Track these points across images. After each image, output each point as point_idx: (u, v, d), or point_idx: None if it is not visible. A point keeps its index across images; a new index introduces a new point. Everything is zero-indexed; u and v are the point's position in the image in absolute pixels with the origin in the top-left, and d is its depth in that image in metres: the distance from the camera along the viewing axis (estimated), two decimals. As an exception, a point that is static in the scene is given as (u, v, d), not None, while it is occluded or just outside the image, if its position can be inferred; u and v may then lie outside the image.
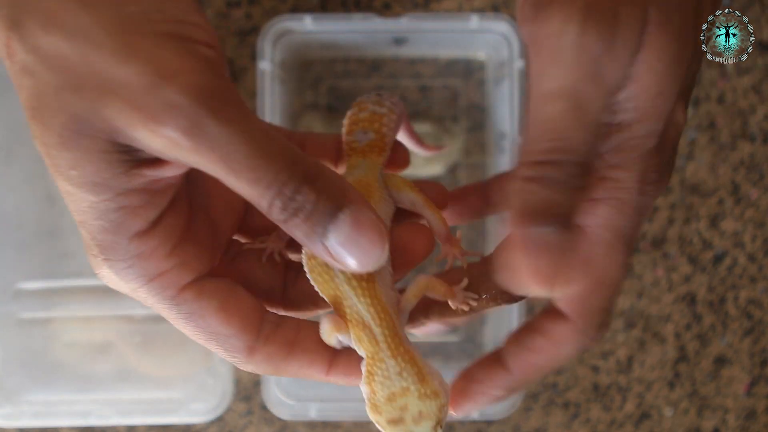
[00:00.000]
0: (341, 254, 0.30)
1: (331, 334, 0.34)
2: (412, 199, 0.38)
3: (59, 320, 0.71)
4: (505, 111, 0.66)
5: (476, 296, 0.35)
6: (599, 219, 0.32)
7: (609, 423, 0.73)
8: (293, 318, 0.36)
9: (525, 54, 0.66)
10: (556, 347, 0.33)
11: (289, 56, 0.70)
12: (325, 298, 0.34)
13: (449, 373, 0.70)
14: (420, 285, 0.35)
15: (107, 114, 0.28)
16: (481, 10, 0.71)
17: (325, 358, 0.34)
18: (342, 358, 0.34)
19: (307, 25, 0.66)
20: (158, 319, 0.70)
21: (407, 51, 0.72)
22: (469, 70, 0.73)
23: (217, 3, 0.71)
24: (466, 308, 0.35)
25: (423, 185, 0.39)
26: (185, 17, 0.29)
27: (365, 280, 0.33)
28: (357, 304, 0.33)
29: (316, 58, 0.72)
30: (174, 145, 0.28)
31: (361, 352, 0.34)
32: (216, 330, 0.33)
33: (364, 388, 0.33)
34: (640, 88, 0.30)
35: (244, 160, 0.28)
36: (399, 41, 0.70)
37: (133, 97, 0.27)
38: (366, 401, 0.33)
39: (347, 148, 0.40)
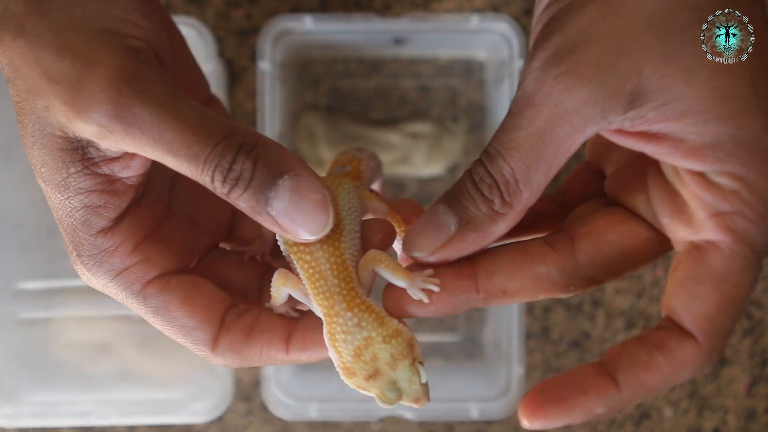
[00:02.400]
0: (287, 222, 0.31)
1: (279, 288, 0.34)
2: (376, 207, 0.37)
3: (59, 320, 0.72)
4: (504, 111, 0.63)
5: (438, 281, 0.33)
6: (734, 233, 0.30)
7: (609, 423, 0.73)
8: (256, 308, 0.36)
9: (525, 54, 0.66)
10: (676, 369, 0.31)
11: (289, 56, 0.70)
12: (292, 259, 0.34)
13: (449, 374, 0.73)
14: (368, 257, 0.34)
15: (52, 110, 0.30)
16: (481, 11, 0.71)
17: (281, 336, 0.34)
18: (298, 330, 0.34)
19: (307, 26, 0.66)
20: None
21: (407, 51, 0.72)
22: (469, 71, 0.73)
23: (217, 3, 0.72)
24: (426, 299, 0.33)
25: (399, 202, 0.40)
26: (124, 16, 0.31)
27: (331, 237, 0.33)
28: (318, 251, 0.33)
29: (316, 58, 0.72)
30: (107, 132, 0.30)
31: (317, 310, 0.33)
32: (181, 322, 0.34)
33: (331, 355, 0.33)
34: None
35: (177, 138, 0.30)
36: (399, 41, 0.71)
37: (65, 90, 0.29)
38: (337, 369, 0.33)
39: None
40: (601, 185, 0.37)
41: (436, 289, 0.33)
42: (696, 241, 0.31)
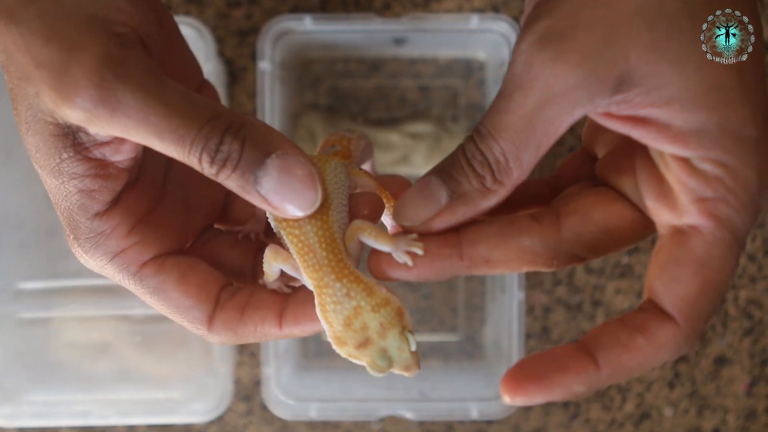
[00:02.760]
0: (277, 200, 0.32)
1: (270, 263, 0.35)
2: (365, 183, 0.38)
3: (59, 320, 0.72)
4: None
5: (422, 245, 0.33)
6: (717, 218, 0.31)
7: (609, 423, 0.73)
8: (250, 287, 0.37)
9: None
10: (655, 350, 0.31)
11: (289, 56, 0.70)
12: (282, 234, 0.35)
13: (449, 374, 0.74)
14: (353, 227, 0.35)
15: (42, 96, 0.31)
16: (481, 10, 0.71)
17: (274, 312, 0.35)
18: (290, 306, 0.35)
19: (307, 25, 0.66)
20: (158, 319, 0.71)
21: (407, 51, 0.72)
22: (469, 70, 0.73)
23: (217, 3, 0.72)
24: (410, 262, 0.33)
25: (387, 178, 0.40)
26: (111, 2, 0.31)
27: (319, 212, 0.34)
28: (307, 225, 0.34)
29: (316, 58, 0.72)
30: (93, 117, 0.30)
31: (307, 283, 0.34)
32: (177, 302, 0.35)
33: (323, 326, 0.34)
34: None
35: (162, 122, 0.30)
36: (399, 41, 0.71)
37: (52, 76, 0.30)
38: (329, 338, 0.33)
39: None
40: (592, 169, 0.38)
41: (420, 252, 0.33)
42: (679, 225, 0.32)
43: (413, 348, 0.33)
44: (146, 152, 0.35)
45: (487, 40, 0.69)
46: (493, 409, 0.66)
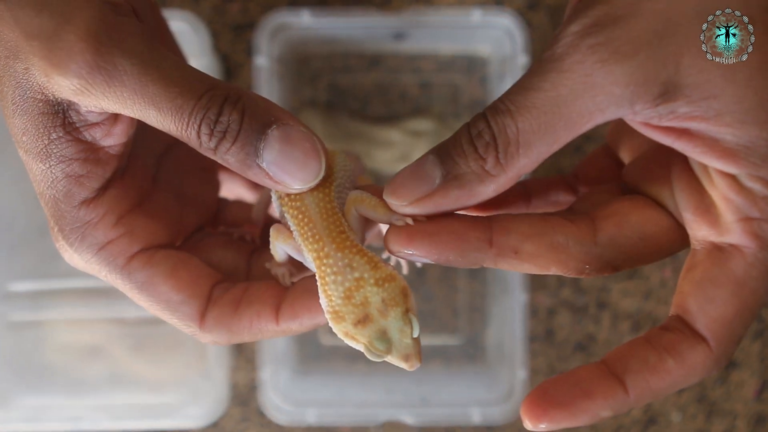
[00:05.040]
0: (279, 173, 0.31)
1: (274, 243, 0.35)
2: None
3: (50, 322, 0.71)
4: None
5: (424, 220, 0.32)
6: (761, 240, 0.30)
7: (616, 428, 0.73)
8: (245, 282, 0.36)
9: (529, 50, 0.66)
10: (685, 373, 0.30)
11: (287, 52, 0.70)
12: (284, 211, 0.34)
13: (450, 377, 0.74)
14: (349, 200, 0.34)
15: (32, 71, 0.30)
16: (483, 4, 0.71)
17: (271, 306, 0.34)
18: (288, 298, 0.34)
19: (305, 20, 0.66)
20: (152, 322, 0.71)
21: (407, 46, 0.72)
22: (471, 66, 0.73)
23: (212, -3, 0.72)
24: (410, 221, 0.32)
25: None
26: None
27: (321, 185, 0.33)
28: (308, 197, 0.33)
29: (315, 54, 0.72)
30: (88, 85, 0.30)
31: (309, 261, 0.33)
32: (166, 297, 0.34)
33: (322, 302, 0.32)
34: None
35: (160, 90, 0.30)
36: (399, 36, 0.70)
37: (43, 45, 0.30)
38: (327, 315, 0.32)
39: None
40: (617, 172, 0.37)
41: (420, 217, 0.32)
42: (718, 242, 0.31)
43: (416, 333, 0.31)
44: (137, 140, 0.35)
45: (490, 35, 0.69)
46: (495, 414, 0.66)
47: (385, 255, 0.46)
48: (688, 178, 0.32)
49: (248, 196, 0.47)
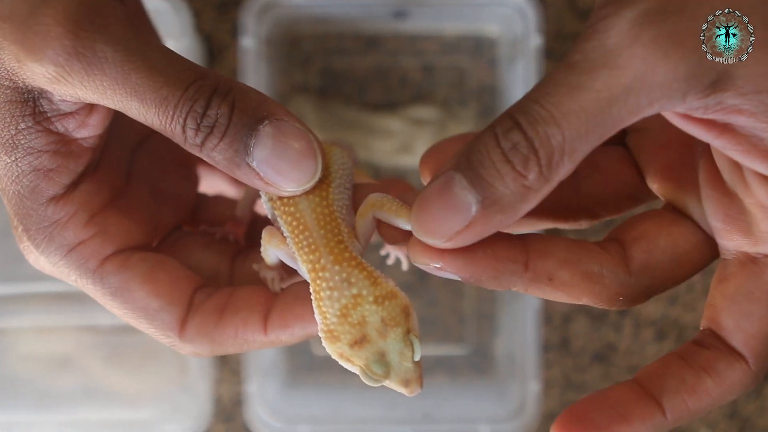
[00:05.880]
0: (270, 172, 0.31)
1: (265, 247, 0.34)
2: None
3: (15, 331, 0.71)
4: (519, 93, 0.63)
5: None
6: None
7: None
8: (229, 288, 0.36)
9: (542, 29, 0.65)
10: (724, 392, 0.31)
11: (276, 32, 0.69)
12: (277, 215, 0.34)
13: (456, 391, 0.72)
14: (367, 202, 0.33)
15: (2, 56, 0.29)
16: (492, -20, 0.71)
17: (259, 314, 0.34)
18: (277, 305, 0.34)
19: (296, -4, 0.65)
20: (127, 329, 0.70)
21: (409, 26, 0.71)
22: (479, 48, 0.72)
23: (194, -28, 0.71)
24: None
25: (387, 182, 0.39)
26: None
27: (318, 187, 0.33)
28: (303, 201, 0.33)
29: (307, 34, 0.72)
30: (65, 73, 0.29)
31: (303, 271, 0.33)
32: (143, 304, 0.33)
33: (316, 318, 0.32)
34: None
35: (143, 80, 0.29)
36: (399, 15, 0.70)
37: (16, 28, 0.29)
38: (320, 334, 0.32)
39: None
40: (634, 174, 0.36)
41: None
42: (752, 253, 0.31)
43: (417, 357, 0.31)
44: (111, 131, 0.34)
45: (500, 14, 0.68)
46: (505, 431, 0.65)
47: (383, 252, 0.46)
48: (717, 183, 0.32)
49: (230, 191, 0.47)
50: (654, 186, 0.35)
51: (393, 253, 0.45)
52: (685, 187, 0.33)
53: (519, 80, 0.65)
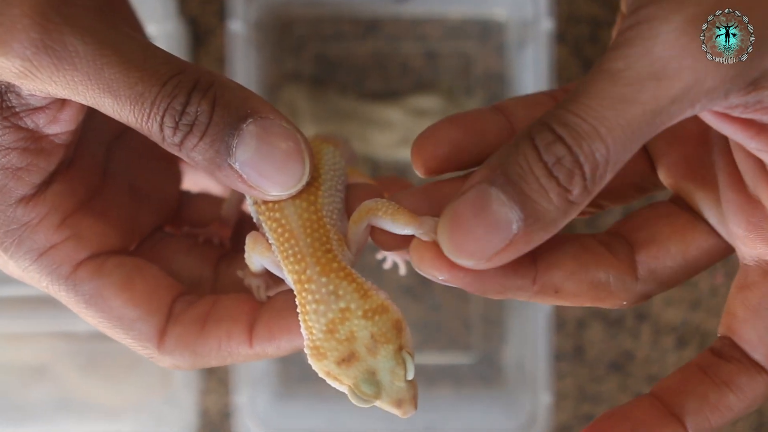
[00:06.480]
0: (254, 176, 0.30)
1: (249, 253, 0.34)
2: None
3: (-15, 337, 0.69)
4: (528, 81, 0.64)
5: None
6: None
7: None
8: (212, 296, 0.35)
9: (553, 12, 0.64)
10: (747, 406, 0.32)
11: (266, 15, 0.68)
12: (261, 220, 0.34)
13: (462, 402, 0.71)
14: (362, 208, 0.33)
15: None
16: (500, -42, 0.70)
17: (243, 324, 0.34)
18: (263, 316, 0.34)
19: (288, -24, 0.64)
20: (106, 337, 0.69)
21: (410, 9, 0.71)
22: (486, 32, 0.72)
23: (178, -50, 0.69)
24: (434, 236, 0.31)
25: (385, 180, 0.38)
26: None
27: (306, 191, 0.33)
28: (290, 207, 0.32)
29: (300, 18, 0.71)
30: (33, 68, 0.29)
31: (288, 279, 0.32)
32: (119, 313, 0.33)
33: (303, 333, 0.32)
34: None
35: (117, 75, 0.29)
36: (400, -3, 0.69)
37: None
38: (306, 350, 0.31)
39: None
40: (648, 168, 0.37)
41: None
42: None
43: (410, 376, 0.31)
44: (84, 126, 0.34)
45: (508, -5, 0.67)
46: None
47: (380, 256, 0.46)
48: (739, 187, 0.32)
49: (216, 188, 0.46)
50: (668, 181, 0.35)
51: (390, 257, 0.45)
52: (701, 185, 0.34)
53: (529, 67, 0.65)
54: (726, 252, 0.34)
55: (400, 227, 0.32)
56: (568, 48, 0.70)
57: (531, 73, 0.64)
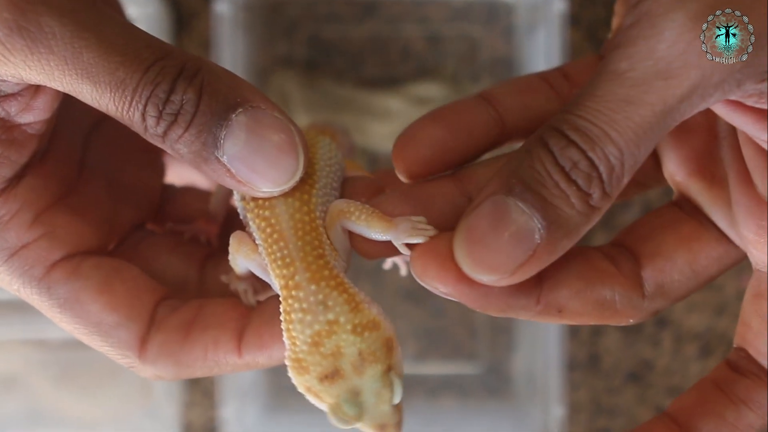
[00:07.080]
0: (243, 170, 0.30)
1: (234, 256, 0.33)
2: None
3: (-50, 346, 0.68)
4: (539, 66, 0.63)
5: (432, 229, 0.31)
6: None
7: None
8: (198, 300, 0.35)
9: None
10: (765, 422, 0.32)
11: None
12: (249, 218, 0.33)
13: (468, 415, 0.70)
14: (332, 212, 0.33)
15: None
16: (508, -66, 0.69)
17: (232, 331, 0.33)
18: (253, 322, 0.33)
19: (279, -47, 0.63)
20: (82, 345, 0.68)
21: None
22: (493, 14, 0.71)
23: (160, -74, 0.68)
24: (420, 239, 0.31)
25: (385, 173, 0.38)
26: None
27: (299, 189, 0.32)
28: (281, 205, 0.32)
29: None
30: (5, 51, 0.29)
31: (275, 284, 0.32)
32: (97, 318, 0.33)
33: (285, 343, 0.31)
34: None
35: (97, 60, 0.29)
36: (401, -24, 0.68)
37: None
38: (287, 362, 0.31)
39: None
40: (654, 166, 0.37)
41: (432, 233, 0.31)
42: None
43: (397, 400, 0.30)
44: (60, 114, 0.34)
45: (517, -26, 0.65)
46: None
47: (386, 266, 0.45)
48: (748, 189, 0.32)
49: (202, 181, 0.45)
50: (675, 179, 0.35)
51: (389, 258, 0.43)
52: (710, 185, 0.34)
53: (540, 52, 0.64)
54: (738, 258, 0.34)
55: (378, 233, 0.32)
56: (582, 31, 0.69)
57: (542, 58, 0.63)
